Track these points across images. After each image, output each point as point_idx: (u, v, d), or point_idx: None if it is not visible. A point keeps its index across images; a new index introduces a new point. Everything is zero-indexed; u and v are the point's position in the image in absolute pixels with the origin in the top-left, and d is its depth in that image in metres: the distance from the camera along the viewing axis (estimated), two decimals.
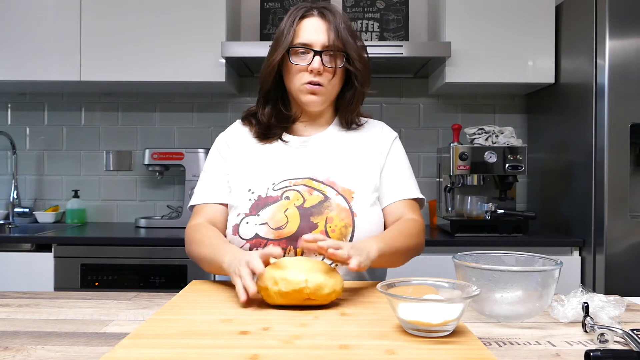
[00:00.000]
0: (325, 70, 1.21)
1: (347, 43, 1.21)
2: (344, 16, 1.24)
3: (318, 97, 1.23)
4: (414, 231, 1.22)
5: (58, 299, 1.06)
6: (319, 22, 1.22)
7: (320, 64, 1.19)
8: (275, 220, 1.16)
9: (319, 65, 1.19)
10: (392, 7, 2.59)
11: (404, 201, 1.28)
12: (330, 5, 1.26)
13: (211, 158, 1.33)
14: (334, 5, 1.27)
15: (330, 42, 1.20)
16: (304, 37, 1.21)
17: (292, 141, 1.30)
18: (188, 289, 1.08)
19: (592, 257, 2.05)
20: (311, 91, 1.22)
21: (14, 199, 2.59)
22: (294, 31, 1.21)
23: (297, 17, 1.22)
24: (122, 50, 2.35)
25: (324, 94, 1.24)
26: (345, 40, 1.21)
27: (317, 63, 1.19)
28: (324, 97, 1.24)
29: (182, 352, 0.70)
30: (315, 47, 1.20)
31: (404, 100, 2.74)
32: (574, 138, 2.21)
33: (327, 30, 1.20)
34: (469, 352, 0.70)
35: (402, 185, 1.29)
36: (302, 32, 1.21)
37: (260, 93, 1.30)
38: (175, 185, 2.73)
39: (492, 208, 2.28)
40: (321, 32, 1.20)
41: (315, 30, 1.21)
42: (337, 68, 1.21)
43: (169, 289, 2.04)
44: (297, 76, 1.22)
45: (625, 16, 1.98)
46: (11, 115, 2.76)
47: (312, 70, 1.20)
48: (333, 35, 1.20)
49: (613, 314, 0.88)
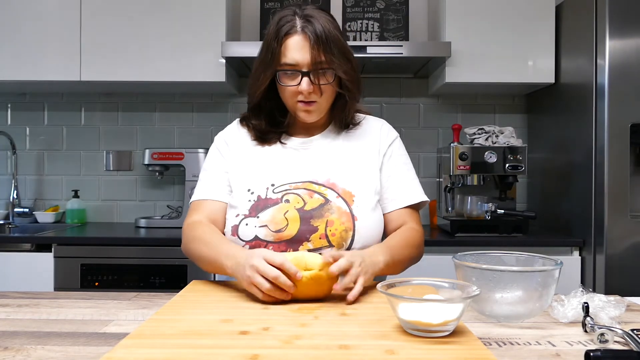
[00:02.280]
0: (316, 88, 1.18)
1: (334, 55, 1.16)
2: (328, 22, 1.18)
3: (313, 113, 1.22)
4: (416, 242, 1.24)
5: (58, 299, 1.06)
6: (302, 40, 1.16)
7: (309, 85, 1.17)
8: (275, 223, 1.16)
9: (308, 87, 1.17)
10: (392, 7, 2.59)
11: (405, 209, 1.28)
12: (314, 11, 1.20)
13: (211, 156, 1.33)
14: (317, 10, 1.21)
15: (317, 60, 1.16)
16: (290, 58, 1.17)
17: (291, 142, 1.29)
18: (188, 289, 1.08)
19: (592, 257, 2.05)
20: (305, 110, 1.21)
21: (14, 199, 2.59)
22: (280, 51, 1.17)
23: (282, 34, 1.17)
24: (122, 50, 2.35)
25: (318, 108, 1.22)
26: (332, 52, 1.16)
27: (305, 84, 1.16)
28: (318, 112, 1.23)
29: (182, 352, 0.70)
30: (302, 67, 1.16)
31: (404, 100, 2.74)
32: (574, 138, 2.21)
33: (312, 47, 1.15)
34: (469, 352, 0.70)
35: (404, 190, 1.29)
36: (287, 52, 1.17)
37: (249, 106, 1.29)
38: (175, 185, 2.73)
39: (492, 208, 2.28)
40: (306, 51, 1.16)
41: (300, 49, 1.16)
42: (329, 84, 1.19)
43: (169, 289, 2.04)
44: (290, 96, 1.21)
45: (625, 16, 1.98)
46: (11, 115, 2.76)
47: (302, 91, 1.18)
48: (319, 51, 1.15)
49: (613, 314, 0.88)
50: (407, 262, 1.21)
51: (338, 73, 1.18)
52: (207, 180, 1.29)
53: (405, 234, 1.22)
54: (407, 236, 1.22)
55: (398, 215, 1.27)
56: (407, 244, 1.20)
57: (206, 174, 1.31)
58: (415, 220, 1.29)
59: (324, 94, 1.21)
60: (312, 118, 1.24)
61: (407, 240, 1.21)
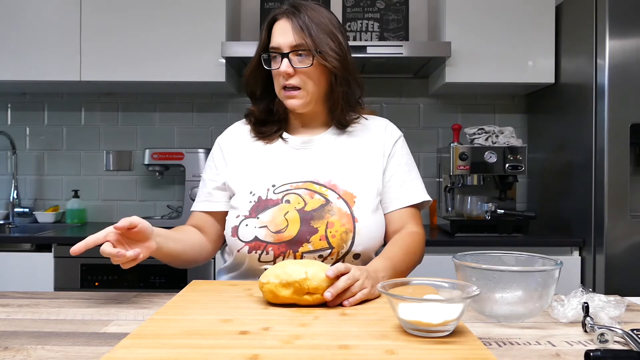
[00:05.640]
0: (298, 71, 1.19)
1: (316, 40, 1.16)
2: (320, 13, 1.20)
3: (297, 100, 1.21)
4: (418, 248, 1.22)
5: (58, 299, 1.06)
6: (286, 24, 1.18)
7: (288, 66, 1.17)
8: (275, 224, 1.15)
9: (286, 68, 1.17)
10: (392, 7, 2.59)
11: (407, 209, 1.27)
12: (307, 3, 1.22)
13: (206, 165, 1.36)
14: (312, 3, 1.23)
15: (296, 42, 1.17)
16: (274, 41, 1.20)
17: (292, 141, 1.29)
18: (188, 289, 1.08)
19: (592, 257, 2.05)
20: (288, 96, 1.21)
21: (14, 199, 2.59)
22: (266, 35, 1.21)
23: (269, 19, 1.22)
24: (122, 50, 2.35)
25: (303, 96, 1.21)
26: (315, 38, 1.16)
27: (284, 66, 1.17)
28: (304, 100, 1.21)
29: (182, 352, 0.70)
30: (283, 49, 1.18)
31: (404, 100, 2.74)
32: (574, 138, 2.21)
33: (294, 30, 1.17)
34: (469, 352, 0.70)
35: (406, 190, 1.28)
36: (273, 37, 1.20)
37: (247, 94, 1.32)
38: (175, 185, 2.73)
39: (492, 208, 2.28)
40: (288, 33, 1.18)
41: (283, 33, 1.18)
42: (308, 67, 1.18)
43: (169, 289, 2.03)
44: (276, 80, 1.23)
45: (625, 16, 1.98)
46: (11, 115, 2.76)
47: (280, 73, 1.19)
48: (299, 34, 1.16)
49: (613, 314, 0.88)
50: (408, 271, 1.20)
51: (316, 57, 1.16)
52: (199, 191, 1.34)
53: (405, 241, 1.20)
54: (407, 243, 1.20)
55: (399, 216, 1.26)
56: (408, 252, 1.18)
57: (200, 184, 1.35)
58: (417, 221, 1.28)
59: (309, 81, 1.20)
60: (297, 105, 1.22)
61: (407, 248, 1.19)
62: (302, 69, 1.18)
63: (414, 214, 1.28)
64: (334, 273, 0.94)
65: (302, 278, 0.92)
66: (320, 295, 0.93)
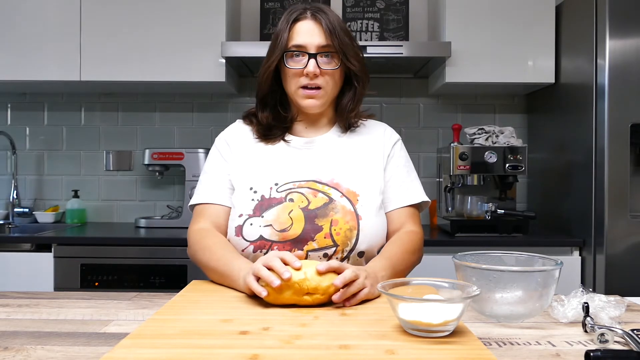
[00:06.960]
0: (323, 72, 1.20)
1: (343, 42, 1.20)
2: (338, 17, 1.24)
3: (316, 100, 1.22)
4: (416, 247, 1.23)
5: (58, 299, 1.06)
6: (312, 24, 1.20)
7: (316, 67, 1.19)
8: (280, 222, 1.15)
9: (314, 69, 1.18)
10: (392, 7, 2.59)
11: (406, 209, 1.28)
12: (325, 6, 1.25)
13: (211, 158, 1.32)
14: (328, 7, 1.26)
15: (325, 43, 1.19)
16: (298, 40, 1.20)
17: (295, 142, 1.29)
18: (188, 289, 1.08)
19: (592, 257, 2.05)
20: (308, 95, 1.22)
21: (14, 199, 2.59)
22: (288, 34, 1.21)
23: (291, 19, 1.21)
24: (122, 50, 2.35)
25: (323, 96, 1.23)
26: (342, 40, 1.20)
27: (312, 66, 1.19)
28: (322, 100, 1.24)
29: (182, 352, 0.70)
30: (310, 49, 1.19)
31: (404, 100, 2.74)
32: (574, 138, 2.21)
33: (321, 32, 1.19)
34: (469, 352, 0.70)
35: (405, 190, 1.29)
36: (296, 35, 1.20)
37: (257, 97, 1.30)
38: (175, 185, 2.73)
39: (492, 208, 2.27)
40: (315, 34, 1.19)
41: (309, 33, 1.20)
42: (335, 69, 1.21)
43: (169, 289, 2.03)
44: (294, 80, 1.22)
45: (625, 16, 1.98)
46: (11, 115, 2.76)
47: (307, 73, 1.19)
48: (328, 35, 1.19)
49: (613, 314, 0.88)
50: (407, 270, 1.21)
51: (344, 60, 1.20)
52: (208, 183, 1.28)
53: (403, 241, 1.21)
54: (405, 243, 1.21)
55: (398, 215, 1.27)
56: (406, 251, 1.19)
57: (207, 176, 1.30)
58: (415, 221, 1.28)
59: (329, 82, 1.22)
60: (316, 106, 1.23)
61: (405, 247, 1.19)
62: (327, 70, 1.20)
63: (413, 213, 1.29)
64: (325, 268, 0.95)
65: (300, 279, 0.92)
66: (319, 295, 0.93)
